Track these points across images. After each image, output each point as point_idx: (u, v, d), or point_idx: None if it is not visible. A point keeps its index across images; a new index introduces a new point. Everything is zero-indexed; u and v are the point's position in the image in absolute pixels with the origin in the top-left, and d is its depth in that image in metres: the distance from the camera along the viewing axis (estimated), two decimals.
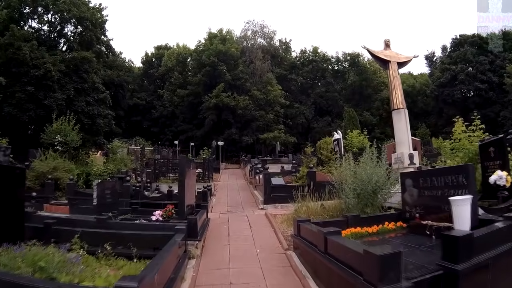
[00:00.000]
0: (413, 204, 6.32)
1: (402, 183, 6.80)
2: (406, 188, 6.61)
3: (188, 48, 53.01)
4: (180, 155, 29.87)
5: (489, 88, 41.95)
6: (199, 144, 37.81)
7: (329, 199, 9.53)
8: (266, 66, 47.26)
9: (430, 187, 5.89)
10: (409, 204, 6.43)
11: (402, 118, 11.01)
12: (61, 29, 34.88)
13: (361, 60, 53.21)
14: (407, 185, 6.57)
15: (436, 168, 7.62)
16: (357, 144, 25.31)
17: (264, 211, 11.21)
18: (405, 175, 7.06)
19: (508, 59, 40.68)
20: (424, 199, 6.02)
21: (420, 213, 6.07)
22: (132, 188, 13.39)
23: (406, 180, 6.69)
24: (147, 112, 49.13)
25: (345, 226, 6.26)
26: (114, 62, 46.66)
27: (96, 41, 36.75)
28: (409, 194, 6.51)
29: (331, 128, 44.85)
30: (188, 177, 8.27)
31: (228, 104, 41.21)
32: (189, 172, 8.50)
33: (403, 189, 6.75)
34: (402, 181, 6.82)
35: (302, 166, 17.40)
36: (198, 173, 19.25)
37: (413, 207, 6.28)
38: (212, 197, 14.94)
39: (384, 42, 12.21)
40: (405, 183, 6.67)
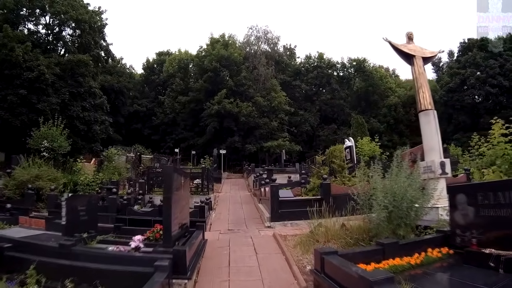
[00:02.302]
0: (467, 226, 4.98)
1: (451, 199, 5.41)
2: (457, 205, 5.23)
3: (190, 53, 52.29)
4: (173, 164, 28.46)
5: (500, 93, 40.87)
6: (201, 153, 36.55)
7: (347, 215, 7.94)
8: (270, 72, 46.21)
9: (494, 205, 4.57)
10: (462, 226, 5.09)
11: (432, 121, 9.38)
12: (59, 32, 34.02)
13: (367, 65, 52.18)
14: (459, 202, 5.20)
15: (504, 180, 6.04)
16: (368, 152, 23.79)
17: (272, 230, 9.51)
18: (456, 189, 5.61)
19: None
20: (485, 220, 4.71)
21: (478, 239, 4.75)
22: (119, 201, 11.85)
23: (457, 196, 5.28)
24: (147, 119, 48.30)
25: (381, 256, 4.89)
26: (114, 68, 46.08)
27: (95, 45, 35.77)
28: (461, 213, 5.14)
29: (337, 136, 43.91)
30: (178, 191, 6.64)
31: (230, 110, 40.03)
32: (180, 184, 6.87)
33: (452, 207, 5.39)
34: (451, 197, 5.43)
35: (313, 177, 15.80)
36: (197, 184, 17.67)
37: (468, 230, 4.96)
38: (211, 211, 13.32)
39: (406, 35, 10.65)
40: (455, 200, 5.28)
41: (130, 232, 7.75)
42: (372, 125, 44.92)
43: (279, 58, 52.22)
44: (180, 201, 6.75)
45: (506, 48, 42.25)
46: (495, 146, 9.19)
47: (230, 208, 14.95)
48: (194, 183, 17.83)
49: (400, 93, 51.64)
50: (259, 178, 18.00)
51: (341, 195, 10.33)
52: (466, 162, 15.68)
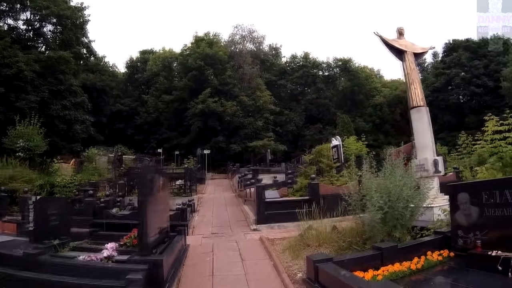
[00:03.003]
0: (470, 227, 4.65)
1: (452, 199, 5.05)
2: (458, 205, 4.88)
3: (174, 52, 51.53)
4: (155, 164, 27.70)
5: (484, 93, 41.58)
6: (185, 153, 35.82)
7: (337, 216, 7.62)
8: (255, 71, 45.80)
9: (501, 204, 4.26)
10: (464, 227, 4.75)
11: (424, 117, 9.00)
12: (39, 28, 32.78)
13: (353, 65, 52.31)
14: (461, 202, 4.84)
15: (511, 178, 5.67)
16: (355, 151, 23.51)
17: (258, 233, 9.00)
18: (458, 188, 5.25)
19: (502, 63, 40.33)
20: (490, 220, 4.34)
21: (482, 240, 4.42)
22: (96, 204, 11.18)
23: (459, 195, 4.90)
24: (130, 119, 47.26)
25: (379, 261, 4.56)
26: (97, 66, 45.12)
27: (76, 42, 34.65)
28: (463, 213, 4.79)
29: (322, 135, 43.85)
30: (156, 194, 6.07)
31: (215, 110, 39.43)
32: (159, 186, 6.29)
33: (453, 207, 5.03)
34: (452, 196, 5.07)
35: (300, 177, 15.37)
36: (179, 185, 17.03)
37: (471, 231, 4.61)
38: (194, 214, 12.72)
39: (397, 30, 10.25)
40: (457, 199, 4.92)
41: (107, 238, 7.26)
42: (358, 124, 44.96)
43: (265, 57, 51.95)
44: (158, 204, 6.19)
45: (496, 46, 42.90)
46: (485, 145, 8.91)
47: (214, 210, 14.37)
48: (176, 184, 17.21)
49: (385, 92, 51.92)
50: (244, 179, 17.46)
51: (330, 195, 10.03)
52: (454, 161, 15.56)
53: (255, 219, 10.21)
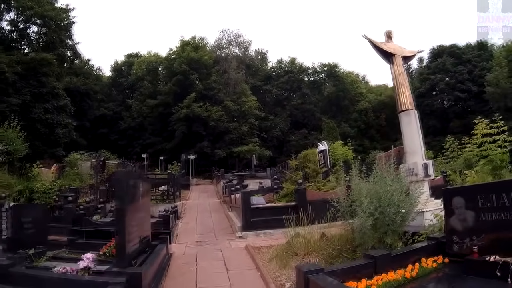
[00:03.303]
0: (466, 232, 4.46)
1: (447, 204, 4.86)
2: (453, 210, 4.69)
3: (159, 56, 50.87)
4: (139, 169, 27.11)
5: (468, 98, 42.40)
6: (169, 158, 35.02)
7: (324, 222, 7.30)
8: (240, 76, 45.58)
9: (498, 207, 4.09)
10: (459, 232, 4.56)
11: (413, 121, 8.85)
12: (24, 29, 31.91)
13: (338, 70, 52.57)
14: (456, 206, 4.66)
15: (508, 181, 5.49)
16: (341, 156, 23.41)
17: (244, 241, 8.66)
18: (452, 192, 5.05)
19: (486, 69, 40.93)
20: (487, 225, 4.19)
21: (479, 245, 4.22)
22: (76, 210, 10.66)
23: (454, 200, 4.70)
24: (114, 123, 46.30)
25: (373, 270, 4.32)
26: (81, 69, 44.23)
27: (60, 44, 33.76)
28: (458, 218, 4.60)
29: (307, 141, 43.79)
30: (136, 201, 5.69)
31: (199, 115, 38.95)
32: (139, 193, 5.91)
33: (447, 212, 4.84)
34: (447, 201, 4.87)
35: (286, 182, 15.12)
36: (163, 191, 16.55)
37: (467, 236, 4.43)
38: (178, 221, 12.29)
39: (385, 33, 10.11)
40: (451, 203, 4.73)
41: (86, 247, 6.88)
42: (343, 129, 45.09)
43: (250, 62, 51.85)
44: (138, 212, 5.81)
45: (474, 55, 44.26)
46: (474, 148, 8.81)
47: (199, 217, 13.96)
48: (159, 190, 16.73)
49: (370, 98, 52.33)
50: (229, 184, 17.08)
51: (317, 201, 9.80)
52: (441, 165, 15.57)
53: (241, 226, 9.87)
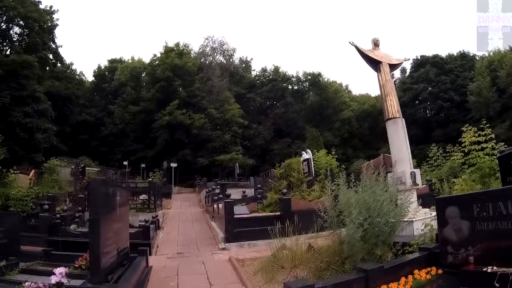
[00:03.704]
0: (461, 242, 4.31)
1: (440, 213, 4.73)
2: (447, 219, 4.56)
3: (143, 62, 50.44)
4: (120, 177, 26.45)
5: (451, 107, 43.40)
6: (151, 166, 34.48)
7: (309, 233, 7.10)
8: (224, 84, 45.53)
9: (495, 216, 3.99)
10: (454, 242, 4.41)
11: (400, 129, 8.73)
12: (6, 30, 31.07)
13: (322, 79, 52.96)
14: (450, 216, 4.54)
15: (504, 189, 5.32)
16: (325, 165, 23.29)
17: (227, 253, 8.28)
18: (446, 201, 4.90)
19: (468, 78, 42.09)
20: (483, 234, 4.08)
21: (475, 256, 4.07)
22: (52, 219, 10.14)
23: (447, 209, 4.58)
24: (96, 129, 45.40)
25: (364, 284, 4.13)
26: (64, 73, 43.47)
27: (43, 46, 32.92)
28: (453, 228, 4.47)
29: (291, 149, 43.85)
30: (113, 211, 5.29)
31: (182, 122, 38.60)
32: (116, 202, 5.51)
33: (441, 222, 4.69)
34: (440, 210, 4.74)
35: (270, 191, 14.85)
36: (143, 200, 16.03)
37: (462, 247, 4.28)
38: (159, 231, 11.83)
39: (372, 41, 10.01)
40: (445, 213, 4.60)
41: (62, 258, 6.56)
42: (326, 138, 45.20)
43: (234, 70, 51.93)
44: (115, 222, 5.41)
45: (456, 65, 45.48)
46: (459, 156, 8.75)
47: (180, 226, 13.52)
48: (140, 199, 16.22)
49: (354, 107, 52.85)
50: (211, 193, 16.69)
51: (303, 210, 9.55)
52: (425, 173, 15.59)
53: (224, 237, 9.50)
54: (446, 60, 46.58)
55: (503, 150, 7.39)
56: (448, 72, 44.99)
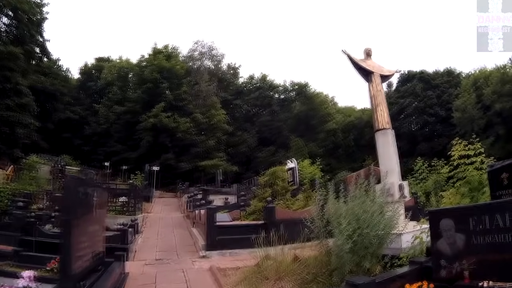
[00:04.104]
0: (456, 256, 4.15)
1: (434, 226, 4.55)
2: (441, 232, 4.40)
3: (131, 62, 49.62)
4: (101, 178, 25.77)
5: (436, 121, 43.98)
6: (133, 168, 33.72)
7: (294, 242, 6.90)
8: (211, 89, 45.16)
9: (491, 229, 3.85)
10: (448, 256, 4.25)
11: (390, 141, 8.59)
12: None
13: (309, 90, 53.08)
14: (444, 229, 4.37)
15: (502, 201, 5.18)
16: (309, 174, 23.20)
17: (208, 261, 7.94)
18: (440, 213, 4.71)
19: (454, 95, 42.89)
20: (479, 248, 3.97)
21: (470, 270, 3.92)
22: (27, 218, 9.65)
23: (441, 222, 4.40)
24: (79, 128, 44.22)
25: None
26: (50, 68, 42.13)
27: (30, 39, 32.06)
28: (447, 242, 4.31)
29: (275, 158, 43.75)
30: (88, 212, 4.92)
31: (167, 125, 38.01)
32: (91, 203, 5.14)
33: (434, 234, 4.53)
34: (434, 223, 4.56)
35: (253, 199, 14.58)
36: (123, 203, 15.51)
37: (456, 260, 4.12)
38: (138, 235, 11.38)
39: (364, 51, 9.91)
40: (439, 226, 4.43)
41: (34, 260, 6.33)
42: (311, 148, 45.24)
43: (222, 76, 51.59)
44: (90, 225, 5.04)
45: (443, 81, 46.40)
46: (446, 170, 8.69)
47: (160, 232, 13.07)
48: (119, 201, 15.72)
49: (339, 118, 53.15)
50: (193, 199, 16.31)
51: (287, 220, 9.38)
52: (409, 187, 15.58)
53: (205, 245, 9.14)
54: (432, 76, 47.35)
55: (493, 164, 7.27)
56: (434, 87, 45.79)
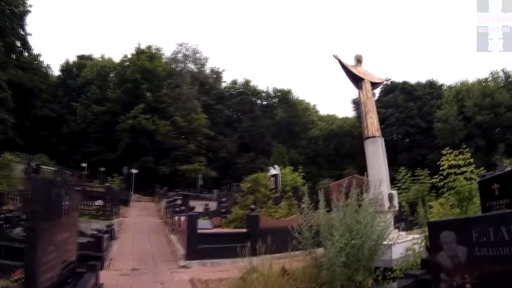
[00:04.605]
0: (457, 269, 3.78)
1: (434, 238, 4.22)
2: (441, 245, 4.03)
3: (113, 61, 48.68)
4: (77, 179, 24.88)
5: (417, 132, 44.88)
6: (110, 170, 32.89)
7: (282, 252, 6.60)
8: (192, 92, 44.61)
9: (496, 242, 3.46)
10: (448, 269, 3.89)
11: (379, 149, 8.49)
12: None
13: (292, 97, 53.37)
14: (445, 241, 4.01)
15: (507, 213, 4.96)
16: (291, 182, 23.05)
17: (189, 272, 7.38)
18: (441, 224, 4.38)
19: (436, 106, 43.86)
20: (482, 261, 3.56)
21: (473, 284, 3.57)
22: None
23: (442, 234, 4.06)
24: (57, 127, 42.73)
25: None
26: (30, 64, 40.71)
27: (11, 32, 31.23)
28: (448, 254, 3.94)
29: (254, 164, 43.87)
30: (57, 219, 4.41)
31: (146, 127, 37.24)
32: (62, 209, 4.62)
33: (434, 247, 4.21)
34: (434, 235, 4.23)
35: (235, 206, 14.21)
36: (98, 206, 14.82)
37: (458, 274, 3.75)
38: (113, 241, 10.78)
39: (355, 57, 9.79)
40: (439, 238, 4.06)
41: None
42: (292, 156, 45.33)
43: (205, 79, 51.21)
44: (60, 232, 4.52)
45: (425, 92, 47.44)
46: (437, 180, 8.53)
47: (137, 238, 12.41)
48: (95, 205, 15.03)
49: (321, 126, 53.45)
50: (173, 205, 15.70)
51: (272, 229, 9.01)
52: None
53: (185, 254, 8.59)
54: (415, 87, 48.33)
55: (484, 175, 7.17)
56: (416, 98, 46.70)
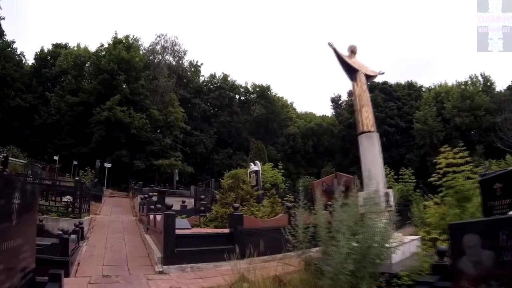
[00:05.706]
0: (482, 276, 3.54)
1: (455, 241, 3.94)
2: (464, 249, 3.79)
3: (89, 50, 46.68)
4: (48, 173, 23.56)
5: (396, 132, 46.11)
6: (84, 164, 31.32)
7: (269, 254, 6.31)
8: (170, 85, 43.77)
9: None
10: (472, 276, 3.66)
11: (375, 144, 7.93)
12: None
13: (270, 93, 53.16)
14: (468, 245, 3.75)
15: None
16: (271, 179, 22.49)
17: (167, 279, 6.51)
18: (464, 226, 4.06)
19: (415, 107, 45.01)
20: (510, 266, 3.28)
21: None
22: None
23: (465, 237, 3.78)
24: (29, 118, 40.92)
25: None
26: (3, 51, 38.96)
27: None
28: (471, 259, 3.70)
29: (232, 161, 43.62)
30: (5, 222, 3.56)
31: (121, 120, 36.01)
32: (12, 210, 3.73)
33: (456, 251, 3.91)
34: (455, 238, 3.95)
35: (215, 204, 13.48)
36: (67, 203, 13.73)
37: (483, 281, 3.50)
38: (82, 242, 9.82)
39: (349, 48, 9.24)
40: (462, 242, 3.81)
41: None
42: (269, 152, 44.95)
43: (183, 73, 50.38)
44: (10, 238, 3.63)
45: (404, 93, 48.70)
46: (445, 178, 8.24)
47: (109, 239, 11.36)
48: (63, 201, 13.95)
49: (299, 124, 53.43)
50: (148, 202, 14.64)
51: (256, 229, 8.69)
52: None
53: (162, 257, 7.59)
54: (394, 87, 49.40)
55: (485, 174, 7.00)
56: (395, 99, 47.74)
